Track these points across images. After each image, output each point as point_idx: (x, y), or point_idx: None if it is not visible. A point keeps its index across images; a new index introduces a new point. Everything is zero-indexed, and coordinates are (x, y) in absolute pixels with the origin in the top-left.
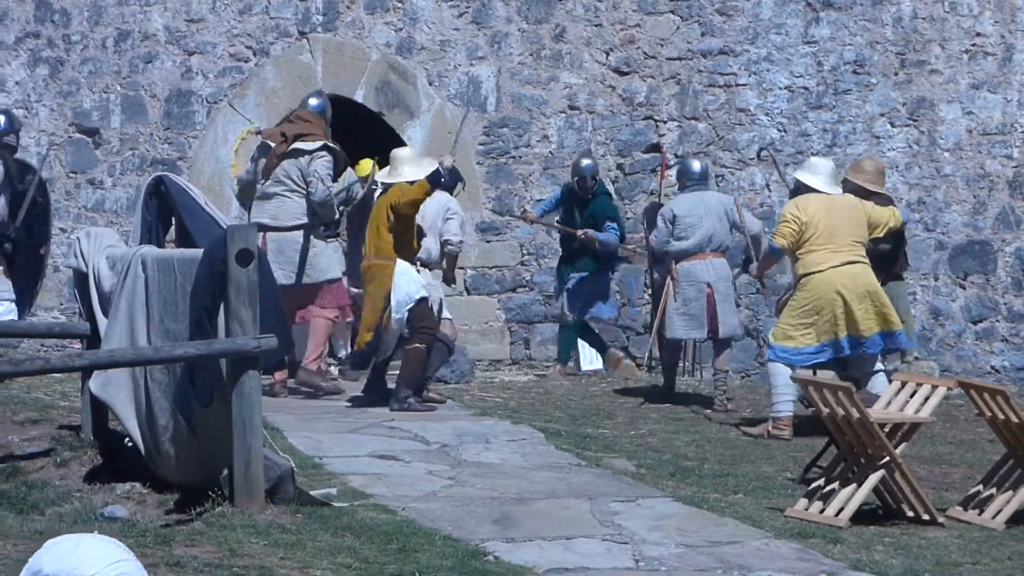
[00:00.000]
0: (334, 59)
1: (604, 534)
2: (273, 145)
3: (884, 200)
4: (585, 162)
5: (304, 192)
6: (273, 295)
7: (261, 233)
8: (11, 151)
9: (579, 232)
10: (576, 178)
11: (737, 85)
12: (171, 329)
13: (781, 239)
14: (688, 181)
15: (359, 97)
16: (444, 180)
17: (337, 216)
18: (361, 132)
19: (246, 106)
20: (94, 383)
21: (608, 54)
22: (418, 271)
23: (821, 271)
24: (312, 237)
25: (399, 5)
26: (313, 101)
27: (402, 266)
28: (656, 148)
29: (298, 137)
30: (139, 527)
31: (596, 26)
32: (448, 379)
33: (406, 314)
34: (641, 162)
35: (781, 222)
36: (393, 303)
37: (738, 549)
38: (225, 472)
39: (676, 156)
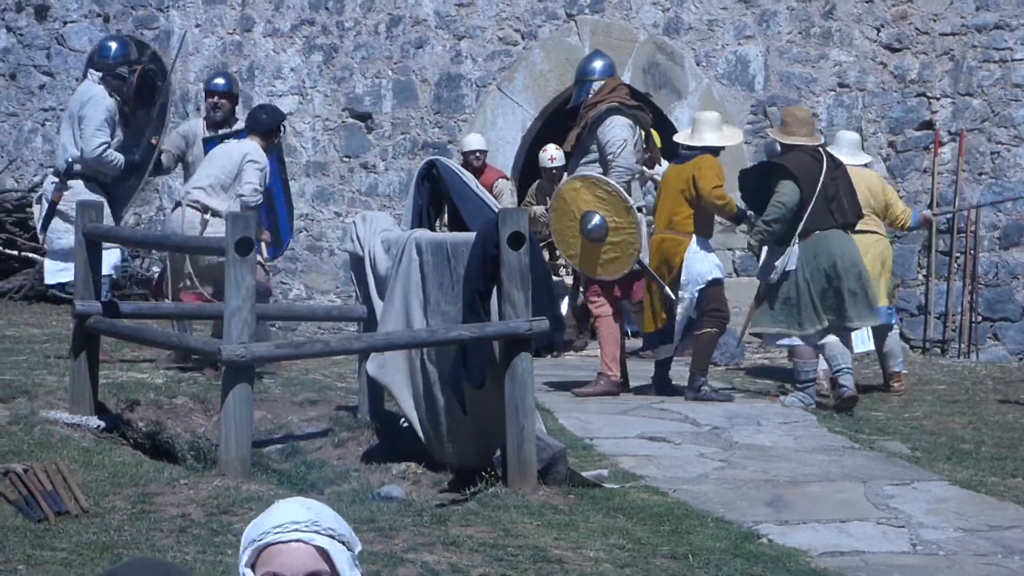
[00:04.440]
0: (601, 40)
1: (879, 517)
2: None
3: (807, 152)
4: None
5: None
6: (545, 277)
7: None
8: (123, 81)
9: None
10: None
11: (1013, 60)
12: (445, 311)
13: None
14: None
15: (626, 78)
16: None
17: None
18: None
19: (514, 89)
20: (371, 365)
21: (879, 30)
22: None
23: None
24: None
25: None
26: (600, 63)
27: (697, 243)
28: (929, 125)
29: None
30: (415, 506)
31: (867, 2)
32: (718, 361)
33: (695, 295)
34: (913, 140)
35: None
36: (683, 280)
37: (1019, 534)
38: (499, 453)
39: (950, 133)
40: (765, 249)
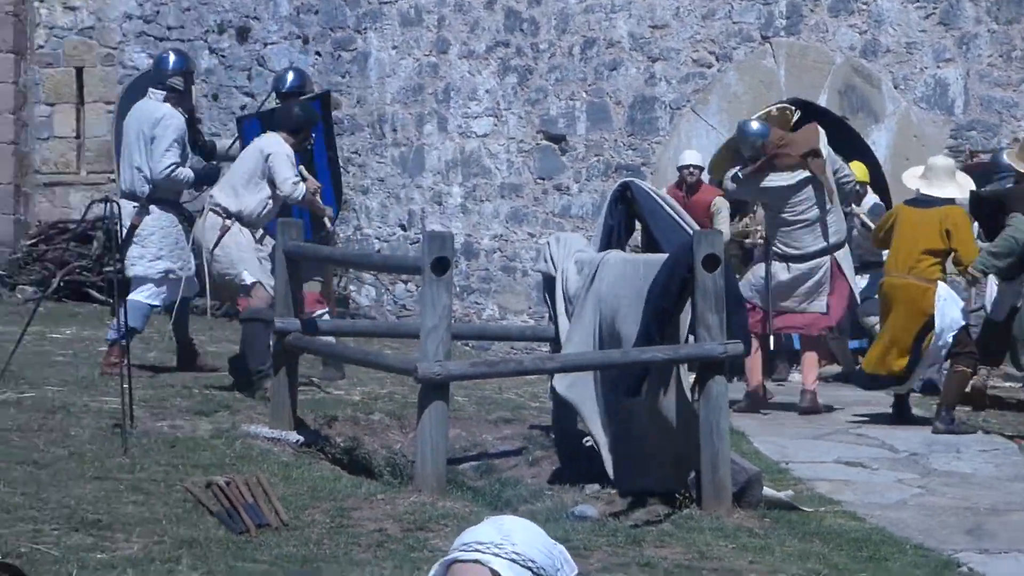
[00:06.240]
0: (797, 63)
1: None
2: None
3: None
4: None
5: None
6: (737, 300)
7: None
8: (180, 96)
9: None
10: None
11: None
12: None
13: None
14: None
15: (822, 101)
16: None
17: None
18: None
19: (708, 112)
20: (560, 384)
21: None
22: None
23: None
24: None
25: (864, 7)
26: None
27: (945, 289)
28: None
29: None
30: (609, 527)
31: None
32: (915, 388)
33: (950, 340)
34: None
35: None
36: (937, 329)
37: None
38: (692, 475)
39: None
40: (991, 284)
